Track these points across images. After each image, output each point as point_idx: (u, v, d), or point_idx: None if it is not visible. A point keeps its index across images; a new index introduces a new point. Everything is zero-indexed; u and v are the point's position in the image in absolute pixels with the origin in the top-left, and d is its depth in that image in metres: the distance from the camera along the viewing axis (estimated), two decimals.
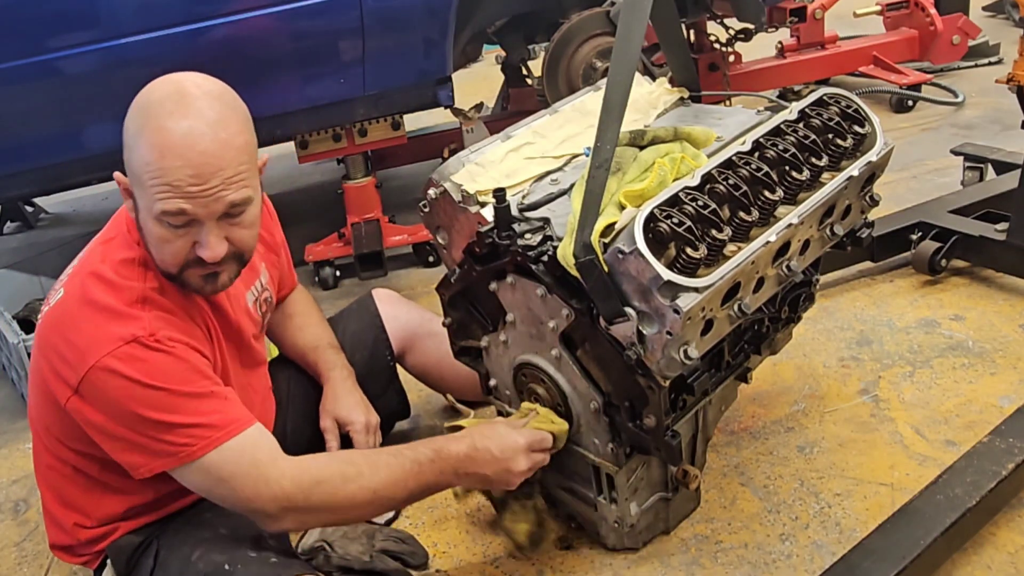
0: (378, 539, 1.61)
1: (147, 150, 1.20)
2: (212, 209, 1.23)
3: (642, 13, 1.22)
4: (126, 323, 1.25)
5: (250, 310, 1.52)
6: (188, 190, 1.20)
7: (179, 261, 1.27)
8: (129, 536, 1.43)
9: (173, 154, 1.19)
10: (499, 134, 1.56)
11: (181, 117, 1.20)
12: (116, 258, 1.32)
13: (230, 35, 2.34)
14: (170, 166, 1.19)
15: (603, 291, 1.19)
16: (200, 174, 1.20)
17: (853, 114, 1.44)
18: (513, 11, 3.18)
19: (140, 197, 1.25)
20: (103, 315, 1.26)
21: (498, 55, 3.85)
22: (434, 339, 1.84)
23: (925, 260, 2.26)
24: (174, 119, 1.20)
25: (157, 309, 1.29)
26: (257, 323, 1.55)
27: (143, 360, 1.23)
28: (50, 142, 2.32)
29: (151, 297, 1.29)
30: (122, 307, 1.26)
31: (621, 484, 1.42)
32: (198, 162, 1.20)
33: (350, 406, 1.69)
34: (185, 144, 1.19)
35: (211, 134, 1.21)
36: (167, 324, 1.28)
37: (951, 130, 3.42)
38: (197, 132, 1.20)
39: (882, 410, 1.84)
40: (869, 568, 1.32)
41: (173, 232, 1.24)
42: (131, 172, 1.25)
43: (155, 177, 1.20)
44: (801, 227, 1.31)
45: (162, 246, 1.26)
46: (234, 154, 1.23)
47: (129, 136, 1.24)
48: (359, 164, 2.84)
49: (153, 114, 1.21)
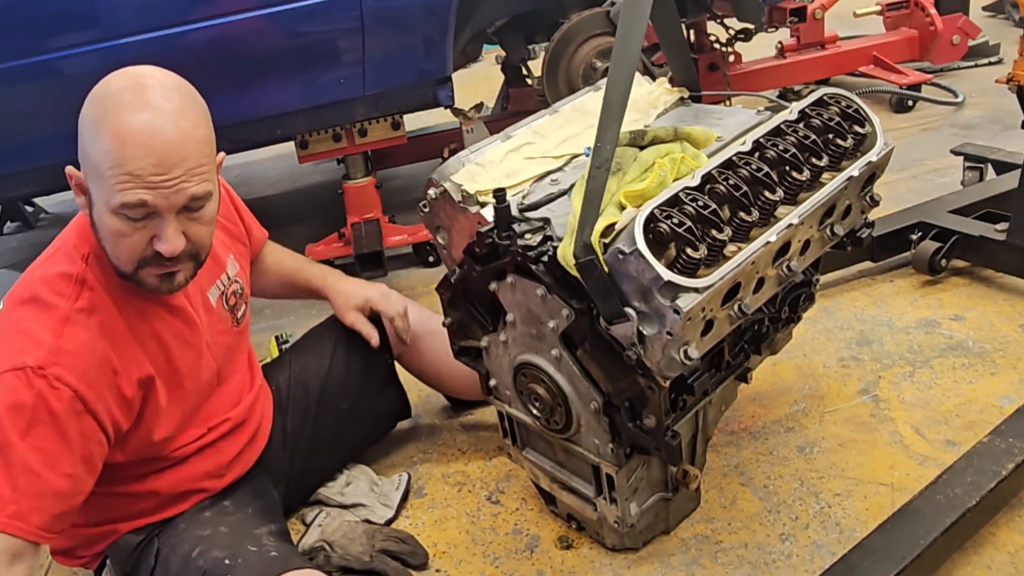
0: (378, 539, 1.61)
1: (107, 140, 1.17)
2: (173, 201, 1.20)
3: (642, 13, 1.22)
4: (30, 350, 1.21)
5: (213, 307, 1.48)
6: (150, 179, 1.17)
7: (135, 257, 1.24)
8: (129, 536, 1.43)
9: (135, 142, 1.16)
10: (499, 134, 1.56)
11: (142, 106, 1.18)
12: (53, 272, 1.29)
13: (230, 35, 2.34)
14: (132, 155, 1.16)
15: (603, 291, 1.19)
16: (162, 163, 1.18)
17: (853, 114, 1.44)
18: (513, 11, 3.18)
19: (98, 190, 1.21)
20: (16, 336, 1.23)
21: (498, 55, 3.85)
22: (433, 338, 1.84)
23: (925, 260, 2.26)
24: (135, 109, 1.18)
25: (74, 335, 1.24)
26: (226, 318, 1.52)
27: (13, 392, 1.19)
28: (50, 142, 2.31)
29: (74, 318, 1.25)
30: (37, 330, 1.23)
31: (621, 484, 1.42)
32: (160, 151, 1.18)
33: (370, 296, 1.81)
34: (147, 133, 1.17)
35: (173, 124, 1.19)
36: (70, 359, 1.22)
37: (951, 130, 3.42)
38: (159, 122, 1.18)
39: (882, 410, 1.84)
40: (869, 568, 1.32)
41: (131, 226, 1.21)
42: (88, 165, 1.22)
43: (116, 167, 1.17)
44: (801, 227, 1.31)
45: (118, 241, 1.22)
46: (195, 145, 1.22)
47: (86, 127, 1.21)
48: (359, 164, 2.84)
49: (112, 105, 1.19)
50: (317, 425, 1.75)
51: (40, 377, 1.20)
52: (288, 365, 1.80)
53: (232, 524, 1.45)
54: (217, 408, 1.51)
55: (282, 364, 1.81)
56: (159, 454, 1.42)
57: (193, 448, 1.47)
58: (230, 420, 1.54)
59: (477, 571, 1.58)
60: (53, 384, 1.20)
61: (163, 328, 1.37)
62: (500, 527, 1.68)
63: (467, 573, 1.58)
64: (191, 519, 1.45)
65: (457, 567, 1.60)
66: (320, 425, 1.75)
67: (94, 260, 1.30)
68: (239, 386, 1.58)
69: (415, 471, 1.87)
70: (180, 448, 1.45)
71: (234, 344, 1.56)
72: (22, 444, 1.19)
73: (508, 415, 1.55)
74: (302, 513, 1.77)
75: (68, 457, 1.22)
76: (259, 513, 1.51)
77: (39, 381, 1.20)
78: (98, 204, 1.22)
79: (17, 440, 1.18)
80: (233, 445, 1.54)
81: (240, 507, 1.51)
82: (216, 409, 1.51)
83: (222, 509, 1.49)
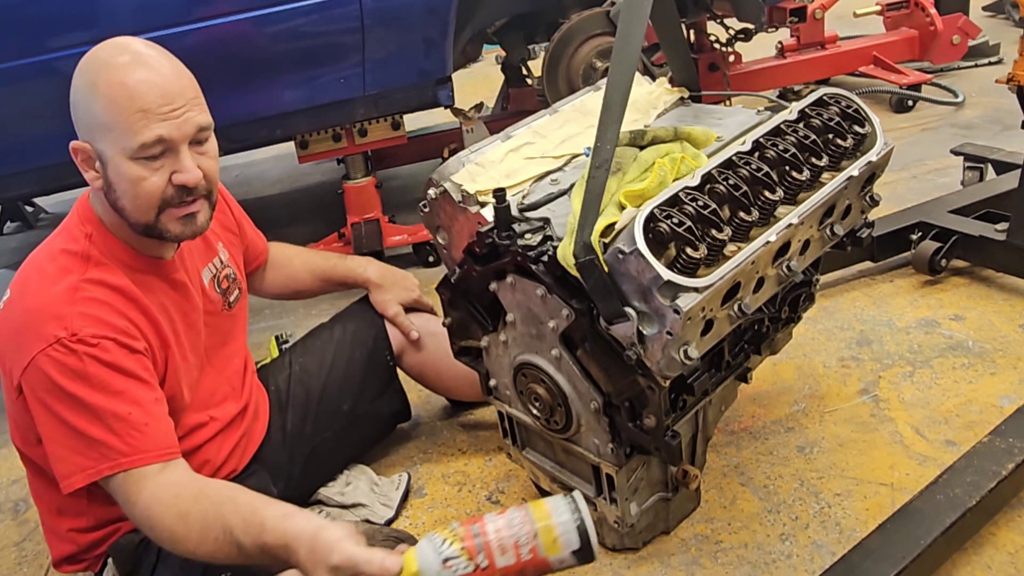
0: (378, 539, 1.61)
1: (110, 91, 1.24)
2: (184, 131, 1.27)
3: (642, 13, 1.22)
4: (51, 323, 1.25)
5: (206, 288, 1.52)
6: (161, 111, 1.25)
7: (156, 199, 1.29)
8: (130, 535, 1.43)
9: (137, 81, 1.25)
10: (499, 134, 1.56)
11: (132, 56, 1.27)
12: (56, 249, 1.34)
13: (230, 35, 2.34)
14: (138, 93, 1.24)
15: (603, 291, 1.19)
16: (167, 93, 1.26)
17: (853, 114, 1.44)
18: (513, 11, 3.18)
19: (110, 143, 1.26)
20: (34, 315, 1.27)
21: (498, 55, 3.85)
22: (433, 339, 1.84)
23: (925, 260, 2.26)
24: (126, 60, 1.27)
25: (89, 299, 1.28)
26: (217, 300, 1.55)
27: (62, 364, 1.24)
28: (50, 142, 2.31)
29: (82, 287, 1.29)
30: (51, 303, 1.27)
31: (621, 484, 1.42)
32: (163, 84, 1.26)
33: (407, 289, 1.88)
34: (146, 71, 1.26)
35: (166, 62, 1.30)
36: (94, 320, 1.27)
37: (951, 130, 3.42)
38: (153, 63, 1.28)
39: (882, 410, 1.84)
40: (869, 568, 1.32)
41: (149, 167, 1.27)
42: (93, 126, 1.28)
43: (125, 110, 1.24)
44: (801, 227, 1.31)
45: (139, 187, 1.27)
46: (189, 79, 1.31)
47: (82, 94, 1.28)
48: (359, 164, 2.84)
49: (102, 65, 1.27)
50: (317, 426, 1.75)
51: (77, 342, 1.25)
52: (288, 365, 1.80)
53: None
54: (215, 393, 1.53)
55: (283, 364, 1.82)
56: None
57: (196, 439, 1.48)
58: (228, 411, 1.55)
59: None
60: (91, 342, 1.25)
61: (168, 302, 1.41)
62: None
63: None
64: None
65: None
66: (320, 426, 1.75)
67: (98, 237, 1.34)
68: (234, 376, 1.60)
69: (415, 471, 1.87)
70: (184, 436, 1.45)
71: (226, 328, 1.59)
72: (99, 397, 1.25)
73: (508, 415, 1.55)
74: None
75: (143, 388, 1.30)
76: None
77: (79, 346, 1.25)
78: (113, 158, 1.27)
79: (92, 395, 1.25)
80: (230, 439, 1.55)
81: None
82: (214, 394, 1.53)
83: None
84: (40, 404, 1.27)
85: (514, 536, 1.10)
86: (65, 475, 1.28)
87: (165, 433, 1.31)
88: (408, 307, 1.87)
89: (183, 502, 1.25)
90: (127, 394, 1.27)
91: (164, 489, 1.26)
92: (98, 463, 1.26)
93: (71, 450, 1.27)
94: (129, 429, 1.26)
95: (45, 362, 1.24)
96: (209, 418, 1.51)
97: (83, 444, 1.26)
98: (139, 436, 1.27)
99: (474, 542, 1.10)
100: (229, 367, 1.59)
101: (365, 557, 1.09)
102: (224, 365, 1.57)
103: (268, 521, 1.18)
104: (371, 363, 1.81)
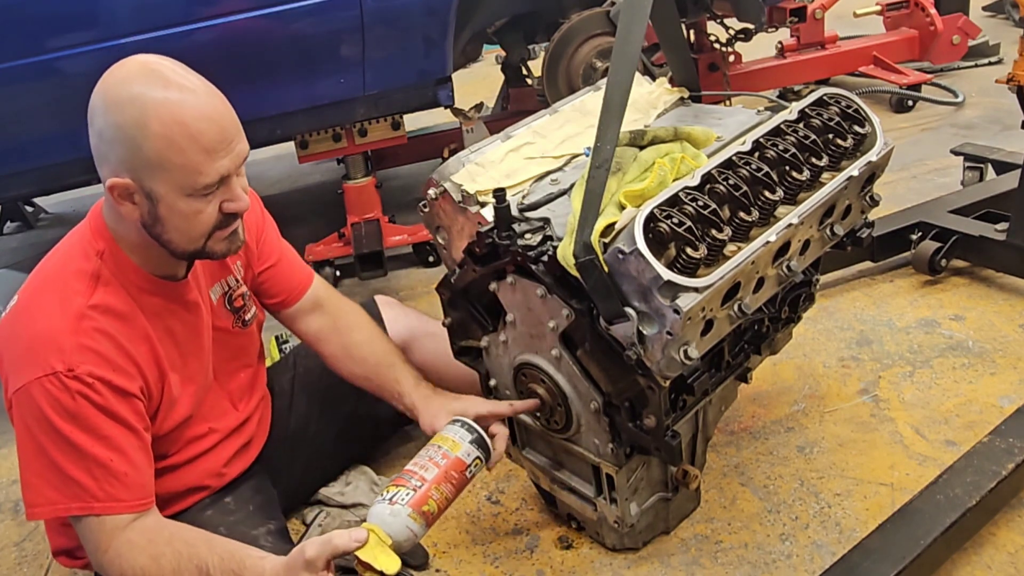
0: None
1: (165, 129, 1.18)
2: (237, 164, 1.27)
3: (642, 13, 1.22)
4: (51, 353, 1.24)
5: (214, 305, 1.51)
6: (220, 149, 1.22)
7: (208, 228, 1.28)
8: None
9: (196, 119, 1.20)
10: (499, 134, 1.56)
11: (178, 89, 1.20)
12: (69, 270, 1.32)
13: (230, 35, 2.33)
14: (199, 132, 1.19)
15: (603, 291, 1.19)
16: (224, 130, 1.23)
17: (853, 114, 1.44)
18: (513, 11, 3.18)
19: (163, 183, 1.21)
20: (37, 340, 1.26)
21: (498, 55, 3.85)
22: (432, 339, 1.84)
23: (925, 260, 2.26)
24: (173, 94, 1.19)
25: (92, 330, 1.27)
26: (227, 317, 1.54)
27: (54, 397, 1.23)
28: (50, 142, 2.32)
29: (87, 315, 1.27)
30: (54, 332, 1.25)
31: (621, 484, 1.42)
32: (218, 120, 1.23)
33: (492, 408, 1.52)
34: (201, 109, 1.21)
35: (212, 93, 1.24)
36: (93, 356, 1.26)
37: (951, 130, 3.42)
38: (203, 96, 1.22)
39: (882, 410, 1.84)
40: (869, 568, 1.32)
41: (205, 201, 1.25)
42: (142, 164, 1.20)
43: (186, 150, 1.19)
44: (801, 227, 1.31)
45: (194, 220, 1.26)
46: (230, 109, 1.27)
47: (128, 132, 1.19)
48: (359, 164, 2.84)
49: (148, 100, 1.18)
50: (319, 427, 1.75)
51: (72, 379, 1.24)
52: (292, 367, 1.81)
53: (231, 525, 1.45)
54: (215, 407, 1.52)
55: (286, 365, 1.82)
56: (165, 451, 1.43)
57: (195, 449, 1.48)
58: (229, 423, 1.54)
59: (477, 571, 1.58)
60: (87, 381, 1.24)
61: (176, 323, 1.40)
62: (500, 527, 1.68)
63: (467, 573, 1.58)
64: (193, 519, 1.45)
65: (457, 567, 1.60)
66: (321, 427, 1.75)
67: (109, 256, 1.32)
68: (237, 390, 1.59)
69: None
70: (184, 447, 1.46)
71: (239, 345, 1.58)
72: (85, 438, 1.24)
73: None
74: (302, 513, 1.77)
75: (129, 435, 1.29)
76: (260, 510, 1.53)
77: (73, 383, 1.23)
78: (167, 196, 1.23)
79: (78, 435, 1.24)
80: (232, 446, 1.55)
81: (241, 504, 1.52)
82: (214, 408, 1.52)
83: (224, 507, 1.50)
84: (25, 429, 1.26)
85: (426, 455, 1.35)
86: (33, 503, 1.28)
87: (142, 485, 1.30)
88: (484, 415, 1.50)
89: (156, 546, 1.26)
90: (112, 440, 1.27)
91: (137, 535, 1.27)
92: (69, 501, 1.26)
93: (45, 481, 1.26)
94: (108, 475, 1.26)
95: (38, 391, 1.23)
96: (209, 430, 1.50)
97: (58, 479, 1.25)
98: (116, 484, 1.27)
99: (401, 476, 1.31)
100: (233, 381, 1.58)
101: (332, 536, 1.19)
102: (228, 380, 1.56)
103: (247, 560, 1.23)
104: None
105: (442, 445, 1.36)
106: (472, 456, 1.36)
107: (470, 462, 1.35)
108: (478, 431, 1.39)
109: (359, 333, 1.66)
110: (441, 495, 1.30)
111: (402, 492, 1.28)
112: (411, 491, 1.28)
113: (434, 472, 1.31)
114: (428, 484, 1.29)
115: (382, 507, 1.27)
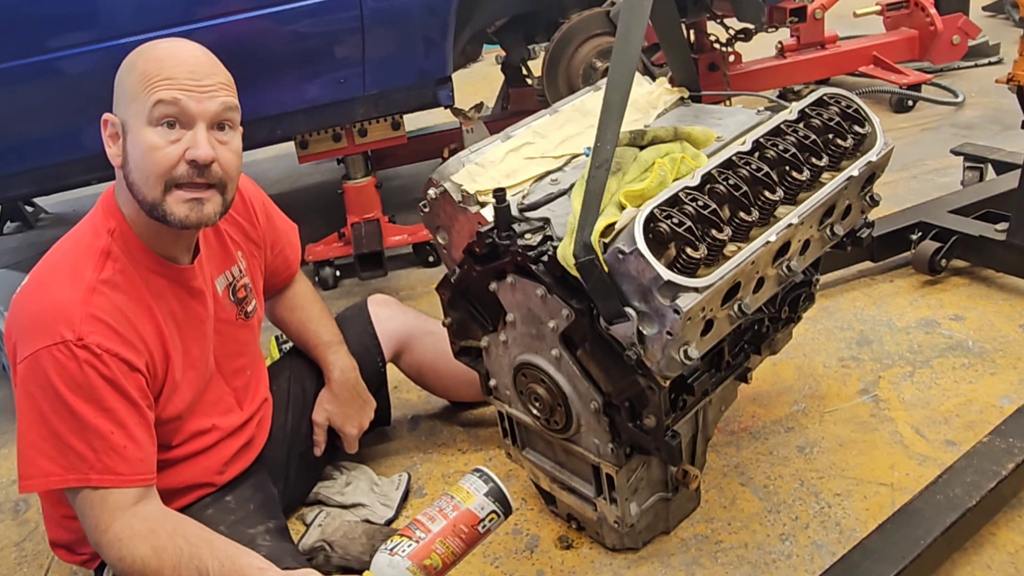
0: (378, 539, 1.61)
1: (143, 65, 1.29)
2: (206, 106, 1.29)
3: (642, 13, 1.22)
4: (61, 322, 1.25)
5: (219, 295, 1.52)
6: (185, 82, 1.27)
7: (166, 170, 1.28)
8: None
9: (169, 56, 1.29)
10: (499, 134, 1.56)
11: (173, 43, 1.33)
12: (81, 244, 1.34)
13: (230, 35, 2.33)
14: (167, 65, 1.28)
15: (603, 291, 1.19)
16: (196, 72, 1.29)
17: (853, 114, 1.44)
18: (513, 11, 3.18)
19: (133, 112, 1.28)
20: (48, 310, 1.27)
21: (498, 55, 3.85)
22: (430, 338, 1.85)
23: (925, 260, 2.26)
24: (167, 44, 1.32)
25: (102, 302, 1.29)
26: (231, 308, 1.55)
27: (61, 366, 1.24)
28: (50, 142, 2.32)
29: (99, 288, 1.29)
30: (66, 302, 1.27)
31: (621, 484, 1.42)
32: (193, 64, 1.30)
33: (345, 415, 1.75)
34: (180, 53, 1.31)
35: (202, 51, 1.34)
36: (102, 327, 1.27)
37: (951, 130, 3.42)
38: (190, 48, 1.33)
39: (882, 410, 1.84)
40: (869, 568, 1.32)
41: (164, 137, 1.27)
42: (122, 97, 1.31)
43: (152, 77, 1.27)
44: (801, 227, 1.31)
45: (151, 156, 1.27)
46: (222, 69, 1.34)
47: (121, 74, 1.31)
48: (359, 164, 2.84)
49: (145, 48, 1.32)
50: (312, 425, 1.76)
51: (81, 348, 1.24)
52: (288, 366, 1.83)
53: (231, 524, 1.45)
54: (218, 402, 1.53)
55: (284, 365, 1.84)
56: (169, 442, 1.43)
57: (198, 444, 1.48)
58: (231, 422, 1.55)
59: (477, 571, 1.58)
60: (95, 351, 1.25)
61: (179, 309, 1.41)
62: (500, 527, 1.67)
63: (467, 573, 1.58)
64: (194, 517, 1.45)
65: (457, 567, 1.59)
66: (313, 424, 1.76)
67: (119, 234, 1.35)
68: (241, 388, 1.59)
69: (415, 471, 1.87)
70: (187, 441, 1.46)
71: (241, 337, 1.58)
72: (88, 409, 1.25)
73: (508, 415, 1.55)
74: (302, 513, 1.77)
75: (132, 410, 1.29)
76: (260, 508, 1.53)
77: (82, 352, 1.24)
78: (133, 126, 1.28)
79: (81, 405, 1.25)
80: (234, 444, 1.55)
81: (242, 503, 1.52)
82: (217, 403, 1.52)
83: (224, 505, 1.51)
84: (28, 396, 1.27)
85: (436, 506, 1.29)
86: (27, 475, 1.28)
87: (141, 460, 1.30)
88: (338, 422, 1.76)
89: (159, 537, 1.26)
90: (115, 413, 1.27)
91: (140, 521, 1.27)
92: (66, 472, 1.26)
93: (42, 453, 1.26)
94: (107, 447, 1.26)
95: (47, 359, 1.24)
96: (212, 426, 1.51)
97: (56, 451, 1.26)
98: (115, 457, 1.27)
99: (408, 527, 1.27)
100: (238, 379, 1.58)
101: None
102: (233, 376, 1.57)
103: (247, 569, 1.23)
104: (362, 367, 1.81)
105: (455, 496, 1.30)
106: (487, 510, 1.30)
107: (484, 516, 1.29)
108: (495, 481, 1.31)
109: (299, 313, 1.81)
110: (447, 549, 1.25)
111: (404, 543, 1.24)
112: (414, 543, 1.24)
113: (441, 524, 1.26)
114: (432, 537, 1.25)
115: (383, 557, 1.24)
